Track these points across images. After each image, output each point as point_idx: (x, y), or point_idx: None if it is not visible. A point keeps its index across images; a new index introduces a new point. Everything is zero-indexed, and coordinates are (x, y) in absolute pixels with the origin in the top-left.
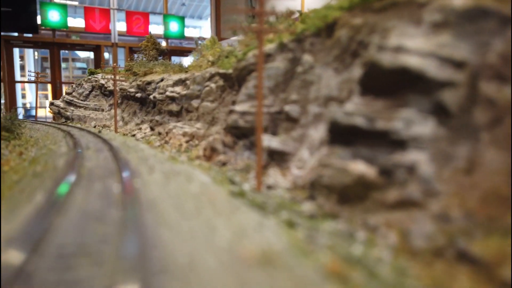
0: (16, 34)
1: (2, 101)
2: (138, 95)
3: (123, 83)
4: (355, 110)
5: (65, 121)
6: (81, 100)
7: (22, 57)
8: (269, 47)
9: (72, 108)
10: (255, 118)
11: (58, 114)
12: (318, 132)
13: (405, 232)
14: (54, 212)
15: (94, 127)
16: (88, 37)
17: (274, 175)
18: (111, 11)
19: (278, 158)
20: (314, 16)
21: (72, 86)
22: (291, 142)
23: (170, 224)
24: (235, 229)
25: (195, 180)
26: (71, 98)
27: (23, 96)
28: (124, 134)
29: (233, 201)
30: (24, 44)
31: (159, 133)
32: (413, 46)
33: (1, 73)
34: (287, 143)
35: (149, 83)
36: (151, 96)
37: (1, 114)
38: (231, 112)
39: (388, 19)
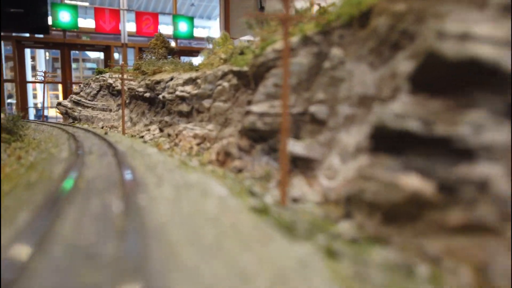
0: (27, 34)
1: (11, 101)
2: (147, 94)
3: (132, 82)
4: (407, 111)
5: (73, 122)
6: (89, 100)
7: (33, 58)
8: (291, 40)
9: (79, 108)
10: (275, 120)
11: (65, 115)
12: (352, 137)
13: (480, 267)
14: (33, 246)
15: (102, 128)
16: (98, 37)
17: (299, 186)
18: (121, 12)
19: (302, 165)
20: (346, 3)
21: (80, 85)
22: (318, 147)
23: (185, 266)
24: (272, 273)
25: (211, 194)
26: (79, 98)
27: (34, 96)
28: (132, 136)
29: (259, 224)
30: (35, 44)
31: (169, 135)
32: (483, 33)
33: (13, 73)
34: (313, 149)
35: (158, 82)
36: (160, 96)
37: (2, 115)
38: (247, 113)
39: (441, 4)
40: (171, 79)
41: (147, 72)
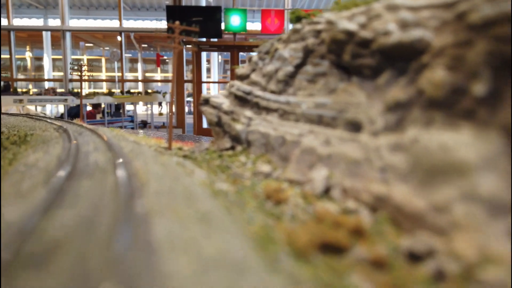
0: (204, 39)
1: (190, 99)
2: None
3: None
4: None
5: (229, 149)
6: (273, 92)
7: (208, 61)
8: None
9: (248, 113)
10: None
11: (217, 126)
12: None
13: None
14: None
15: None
16: (263, 38)
17: None
18: (285, 12)
19: None
20: None
21: (250, 61)
22: None
23: None
24: None
25: None
26: (248, 89)
27: None
28: None
29: None
30: (210, 48)
31: None
32: None
33: (192, 75)
34: None
35: None
36: None
37: None
38: None
39: None
40: None
41: None
